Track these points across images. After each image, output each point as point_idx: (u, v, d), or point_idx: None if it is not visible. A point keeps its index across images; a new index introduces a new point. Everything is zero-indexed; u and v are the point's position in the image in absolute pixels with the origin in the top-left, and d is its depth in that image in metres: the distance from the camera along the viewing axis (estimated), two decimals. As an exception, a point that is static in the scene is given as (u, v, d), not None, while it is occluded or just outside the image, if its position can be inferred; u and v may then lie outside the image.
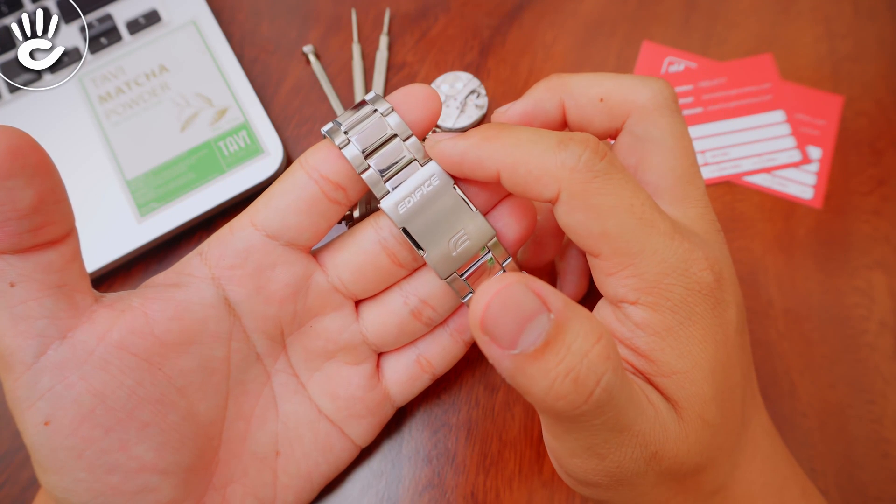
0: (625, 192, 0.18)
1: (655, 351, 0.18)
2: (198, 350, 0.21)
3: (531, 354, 0.15)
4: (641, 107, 0.21)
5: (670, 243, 0.18)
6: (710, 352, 0.18)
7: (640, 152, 0.21)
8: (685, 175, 0.21)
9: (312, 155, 0.21)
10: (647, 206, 0.18)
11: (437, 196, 0.21)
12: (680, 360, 0.18)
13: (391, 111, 0.21)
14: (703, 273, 0.18)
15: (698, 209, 0.20)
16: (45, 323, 0.18)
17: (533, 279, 0.15)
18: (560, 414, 0.16)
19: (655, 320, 0.18)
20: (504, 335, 0.15)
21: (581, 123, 0.22)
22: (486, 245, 0.21)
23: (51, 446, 0.18)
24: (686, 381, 0.18)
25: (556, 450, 0.19)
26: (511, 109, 0.22)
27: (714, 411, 0.18)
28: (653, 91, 0.21)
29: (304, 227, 0.21)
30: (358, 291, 0.23)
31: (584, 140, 0.18)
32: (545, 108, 0.22)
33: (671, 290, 0.18)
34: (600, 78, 0.22)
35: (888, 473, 0.26)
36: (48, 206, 0.18)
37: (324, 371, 0.24)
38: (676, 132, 0.21)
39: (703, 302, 0.18)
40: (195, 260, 0.21)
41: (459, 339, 0.24)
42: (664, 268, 0.18)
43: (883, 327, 0.29)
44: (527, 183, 0.18)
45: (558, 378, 0.15)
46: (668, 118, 0.21)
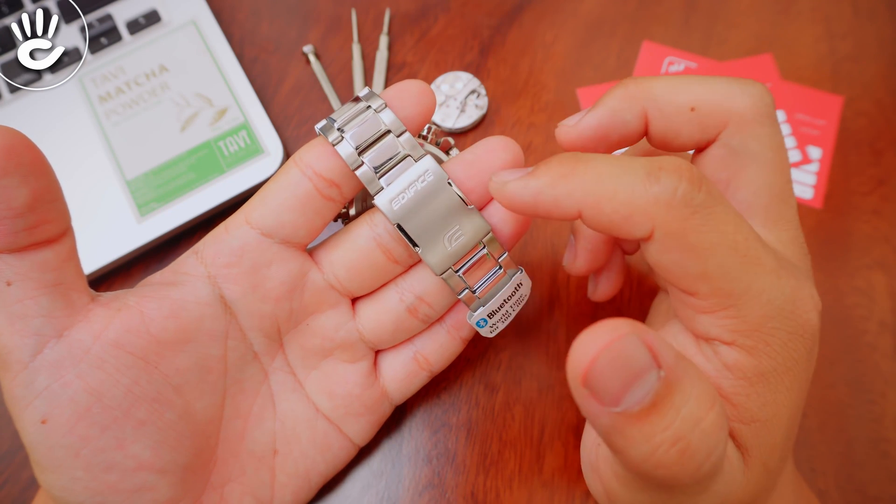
0: (727, 227, 0.16)
1: (740, 396, 0.16)
2: (194, 348, 0.21)
3: (635, 415, 0.13)
4: (740, 117, 0.18)
5: (777, 282, 0.16)
6: (793, 399, 0.17)
7: (734, 167, 0.19)
8: (781, 193, 0.19)
9: (306, 152, 0.21)
10: (750, 240, 0.16)
11: (431, 192, 0.21)
12: (763, 409, 0.16)
13: (385, 107, 0.21)
14: (810, 315, 0.17)
15: (790, 232, 0.19)
16: (42, 321, 0.18)
17: (644, 329, 0.13)
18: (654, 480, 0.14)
19: (749, 364, 0.16)
20: (608, 392, 0.13)
21: (666, 136, 0.19)
22: (482, 241, 0.21)
23: (48, 445, 0.18)
24: (763, 431, 0.17)
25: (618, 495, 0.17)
26: (583, 123, 0.20)
27: (777, 458, 0.17)
28: (753, 99, 0.18)
29: (299, 224, 0.21)
30: (354, 289, 0.23)
31: (677, 169, 0.16)
32: (624, 118, 0.19)
33: (774, 335, 0.16)
34: (688, 82, 0.19)
35: (888, 473, 0.26)
36: (44, 204, 0.18)
37: (321, 369, 0.24)
38: (776, 145, 0.19)
39: (803, 347, 0.17)
40: (191, 259, 0.21)
41: (457, 336, 0.24)
42: (769, 310, 0.16)
43: (883, 327, 0.29)
44: (613, 223, 0.16)
45: (663, 445, 0.13)
46: (768, 129, 0.19)
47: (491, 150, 0.21)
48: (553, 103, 0.34)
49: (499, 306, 0.23)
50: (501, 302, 0.23)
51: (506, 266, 0.22)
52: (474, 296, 0.22)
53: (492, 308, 0.22)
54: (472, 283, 0.22)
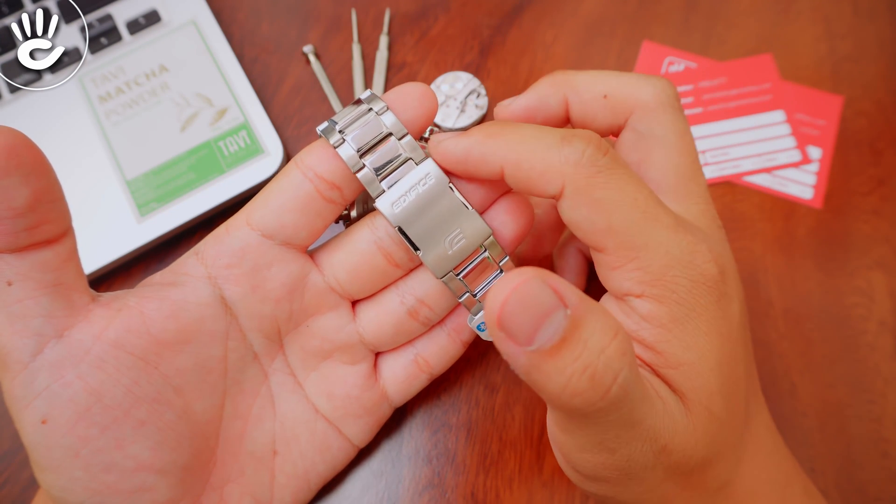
0: (628, 186, 0.18)
1: (662, 342, 0.18)
2: (194, 349, 0.21)
3: (548, 351, 0.14)
4: (645, 104, 0.21)
5: (674, 236, 0.18)
6: (715, 344, 0.18)
7: (642, 149, 0.21)
8: (687, 172, 0.21)
9: (308, 154, 0.21)
10: (650, 200, 0.18)
11: (432, 195, 0.21)
12: (686, 352, 0.18)
13: (386, 110, 0.21)
14: (708, 265, 0.18)
15: (700, 206, 0.21)
16: (42, 321, 0.18)
17: (549, 274, 0.15)
18: (575, 410, 0.15)
19: (662, 312, 0.18)
20: (521, 332, 0.14)
21: (584, 120, 0.22)
22: (483, 244, 0.21)
23: (47, 445, 0.18)
24: (693, 373, 0.18)
25: (565, 445, 0.19)
26: (514, 104, 0.22)
27: (720, 404, 0.18)
28: (656, 89, 0.21)
29: (299, 226, 0.21)
30: (354, 291, 0.23)
31: (586, 136, 0.18)
32: (548, 103, 0.22)
33: (676, 282, 0.18)
34: (604, 75, 0.22)
35: (888, 473, 0.26)
36: (44, 204, 0.18)
37: (321, 371, 0.24)
38: (679, 129, 0.21)
39: (707, 294, 0.18)
40: (191, 259, 0.21)
41: (457, 339, 0.24)
42: (669, 260, 0.18)
43: (883, 327, 0.29)
44: (530, 179, 0.19)
45: (574, 375, 0.14)
46: (670, 115, 0.21)
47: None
48: (553, 103, 0.34)
49: None
50: None
51: (507, 269, 0.22)
52: (475, 299, 0.22)
53: None
54: (473, 287, 0.22)
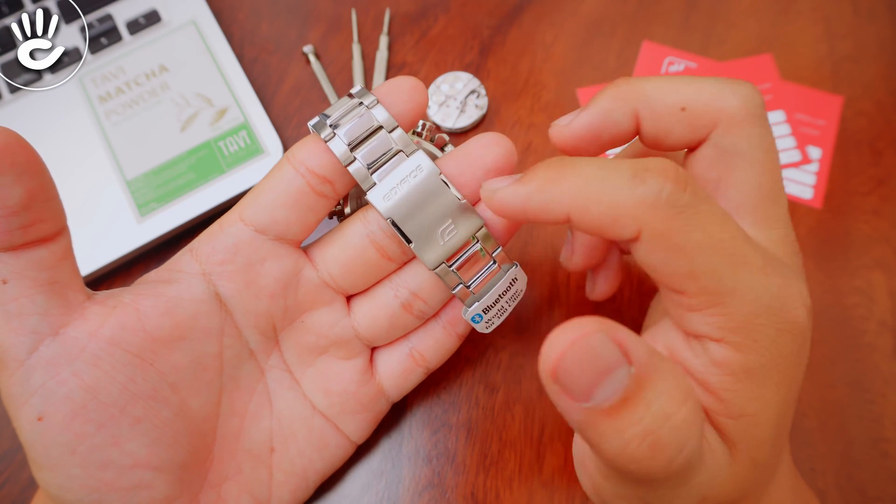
0: (713, 226, 0.16)
1: (728, 391, 0.17)
2: (189, 346, 0.21)
3: (606, 410, 0.13)
4: (731, 116, 0.18)
5: (764, 280, 0.16)
6: (782, 396, 0.17)
7: (724, 166, 0.19)
8: (771, 193, 0.19)
9: (299, 149, 0.21)
10: (737, 239, 0.16)
11: (424, 186, 0.21)
12: (751, 403, 0.17)
13: (376, 104, 0.21)
14: (799, 311, 0.17)
15: (780, 230, 0.19)
16: (38, 319, 0.18)
17: (614, 326, 0.14)
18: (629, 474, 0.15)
19: (737, 360, 0.16)
20: (577, 387, 0.13)
21: (658, 136, 0.20)
22: (475, 235, 0.22)
23: (44, 442, 0.18)
24: (751, 425, 0.17)
25: (602, 487, 0.18)
26: (574, 123, 0.20)
27: (766, 453, 0.17)
28: (743, 99, 0.19)
29: (292, 221, 0.21)
30: (348, 286, 0.23)
31: (662, 170, 0.16)
32: (615, 118, 0.19)
33: (761, 331, 0.16)
34: (679, 83, 0.19)
35: (888, 473, 0.26)
36: (38, 203, 0.18)
37: (317, 366, 0.24)
38: (766, 145, 0.19)
39: (791, 343, 0.17)
40: (186, 256, 0.22)
41: (452, 332, 0.24)
42: (757, 307, 0.16)
43: (883, 327, 0.29)
44: (602, 225, 0.16)
45: (634, 440, 0.14)
46: (759, 129, 0.19)
47: (483, 145, 0.22)
48: (553, 103, 0.34)
49: (494, 301, 0.23)
50: (497, 297, 0.23)
51: (500, 261, 0.22)
52: (469, 291, 0.22)
53: (487, 303, 0.23)
54: (466, 279, 0.22)
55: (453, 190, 0.21)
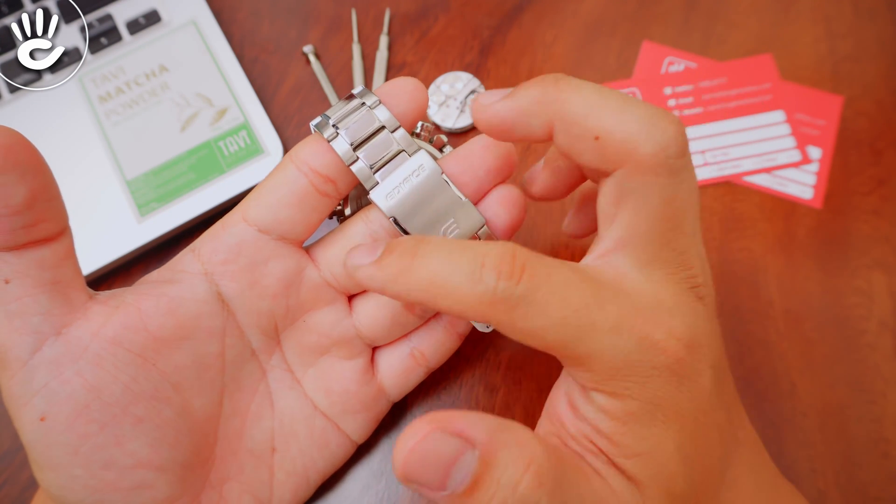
0: (552, 307, 0.16)
1: (617, 435, 0.17)
2: (192, 345, 0.21)
3: (461, 494, 0.15)
4: (638, 161, 0.18)
5: (617, 339, 0.17)
6: (674, 430, 0.17)
7: (621, 205, 0.18)
8: (662, 240, 0.18)
9: (302, 149, 0.21)
10: (582, 309, 0.16)
11: (426, 185, 0.21)
12: (642, 443, 0.17)
13: (378, 104, 0.21)
14: (669, 350, 0.17)
15: (666, 270, 0.18)
16: (40, 319, 0.18)
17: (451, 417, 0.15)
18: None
19: (617, 407, 0.17)
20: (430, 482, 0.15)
21: (569, 153, 0.19)
22: (477, 234, 0.22)
23: (46, 443, 0.18)
24: (649, 462, 0.17)
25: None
26: (493, 108, 0.20)
27: (682, 483, 0.18)
28: (656, 145, 0.17)
29: (295, 220, 0.21)
30: (350, 285, 0.23)
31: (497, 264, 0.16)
32: (530, 123, 0.19)
33: (629, 380, 0.17)
34: (601, 107, 0.18)
35: (888, 473, 0.26)
36: (41, 202, 0.18)
37: (318, 366, 0.24)
38: (667, 196, 0.18)
39: (667, 382, 0.17)
40: (188, 256, 0.22)
41: (453, 332, 0.24)
42: (618, 361, 0.17)
43: (883, 327, 0.29)
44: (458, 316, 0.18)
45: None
46: (664, 179, 0.18)
47: (485, 145, 0.22)
48: (553, 103, 0.34)
49: None
50: None
51: None
52: None
53: None
54: None
55: (455, 189, 0.21)
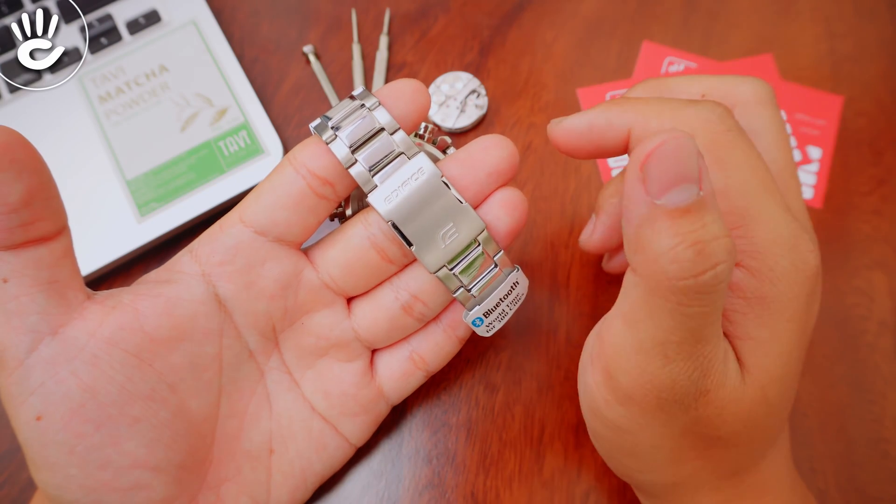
0: (751, 154, 0.18)
1: (738, 314, 0.18)
2: (188, 346, 0.21)
3: (671, 211, 0.15)
4: (745, 101, 0.21)
5: (786, 216, 0.18)
6: (792, 333, 0.18)
7: None
8: (787, 167, 0.20)
9: (300, 151, 0.21)
10: (768, 175, 0.18)
11: (425, 189, 0.21)
12: (759, 330, 0.18)
13: (378, 106, 0.21)
14: (811, 255, 0.18)
15: (796, 203, 0.20)
16: (37, 318, 0.18)
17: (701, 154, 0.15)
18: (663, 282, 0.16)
19: (751, 285, 0.18)
20: (657, 181, 0.15)
21: None
22: (477, 238, 0.21)
23: (43, 442, 0.18)
24: (760, 351, 0.18)
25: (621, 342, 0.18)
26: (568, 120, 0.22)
27: (776, 391, 0.18)
28: (754, 87, 0.21)
29: (292, 222, 0.21)
30: (348, 288, 0.23)
31: (716, 101, 0.19)
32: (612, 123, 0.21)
33: (776, 262, 0.18)
34: (700, 77, 0.22)
35: (888, 473, 0.26)
36: (39, 201, 0.18)
37: (316, 368, 0.24)
38: (777, 125, 0.21)
39: (802, 284, 0.18)
40: (185, 257, 0.22)
41: (453, 335, 0.24)
42: (776, 237, 0.18)
43: (883, 327, 0.29)
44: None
45: (683, 243, 0.15)
46: (770, 111, 0.21)
47: (485, 147, 0.22)
48: (553, 103, 0.34)
49: (495, 305, 0.23)
50: (497, 301, 0.23)
51: (502, 264, 0.22)
52: (470, 294, 0.22)
53: (488, 307, 0.22)
54: (467, 282, 0.22)
55: (455, 192, 0.21)
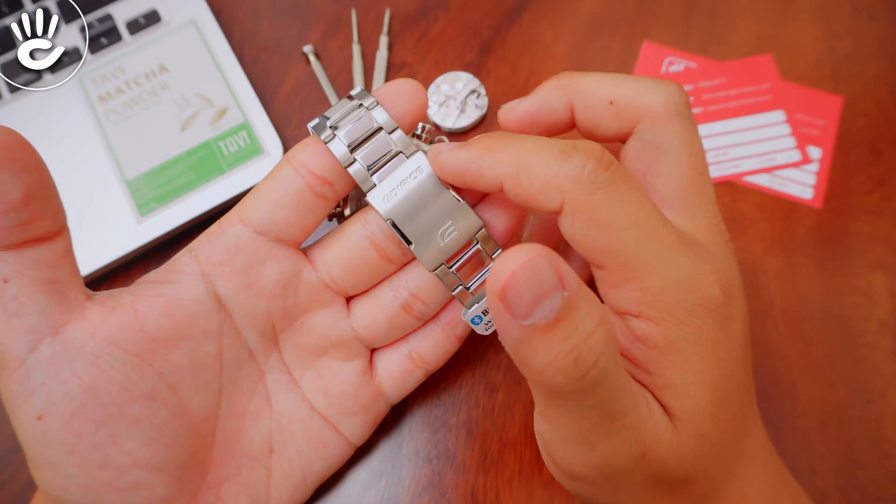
0: (630, 203, 0.17)
1: (654, 364, 0.18)
2: (188, 346, 0.21)
3: (541, 328, 0.15)
4: (653, 112, 0.20)
5: (676, 257, 0.18)
6: (711, 367, 0.18)
7: (648, 159, 0.20)
8: (694, 184, 0.20)
9: (299, 150, 0.21)
10: (652, 218, 0.18)
11: (423, 188, 0.21)
12: (679, 375, 0.18)
13: (376, 105, 0.21)
14: (711, 288, 0.18)
15: (707, 219, 0.20)
16: (37, 318, 0.18)
17: (555, 255, 0.15)
18: (555, 389, 0.16)
19: (657, 334, 0.18)
20: (520, 306, 0.15)
21: (589, 126, 0.22)
22: (475, 236, 0.21)
23: (44, 441, 0.18)
24: (684, 395, 0.18)
25: (547, 437, 0.19)
26: (517, 108, 0.22)
27: (711, 426, 0.18)
28: (664, 96, 0.20)
29: (291, 222, 0.21)
30: (348, 287, 0.23)
31: (588, 150, 0.18)
32: (553, 107, 0.22)
33: (676, 306, 0.17)
34: (612, 80, 0.21)
35: (888, 473, 0.26)
36: (38, 200, 0.18)
37: (316, 368, 0.24)
38: (687, 140, 0.20)
39: (708, 318, 0.18)
40: (185, 257, 0.22)
41: (452, 334, 0.24)
42: (669, 282, 0.17)
43: (883, 327, 0.29)
44: (529, 194, 0.18)
45: (561, 354, 0.15)
46: (678, 125, 0.20)
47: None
48: (553, 103, 0.34)
49: None
50: None
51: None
52: (468, 292, 0.22)
53: (486, 305, 0.22)
54: (466, 280, 0.22)
55: (453, 192, 0.21)
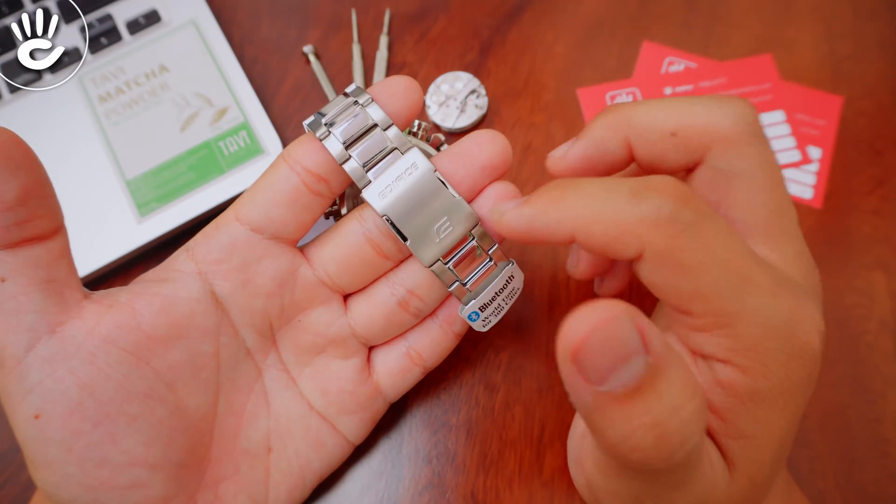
0: (718, 244, 0.16)
1: (731, 412, 0.16)
2: (186, 344, 0.21)
3: (618, 396, 0.13)
4: (723, 138, 0.18)
5: (773, 302, 0.16)
6: (786, 419, 0.17)
7: (723, 188, 0.19)
8: (778, 210, 0.18)
9: (295, 148, 0.21)
10: (745, 259, 0.16)
11: (419, 183, 0.21)
12: (754, 426, 0.16)
13: (371, 102, 0.21)
14: (809, 336, 0.16)
15: (794, 247, 0.18)
16: (35, 317, 0.18)
17: (636, 312, 0.13)
18: (628, 464, 0.14)
19: (744, 383, 0.16)
20: (595, 370, 0.13)
21: (653, 162, 0.19)
22: (471, 232, 0.22)
23: (41, 440, 0.18)
24: (752, 447, 0.16)
25: (598, 485, 0.18)
26: (569, 155, 0.20)
27: (766, 474, 0.17)
28: (734, 117, 0.18)
29: (287, 219, 0.21)
30: (345, 284, 0.23)
31: (663, 187, 0.16)
32: (608, 148, 0.20)
33: (770, 356, 0.16)
34: (670, 107, 0.19)
35: (888, 473, 0.26)
36: (34, 200, 0.18)
37: (314, 366, 0.24)
38: (765, 162, 0.18)
39: (801, 369, 0.16)
40: (182, 256, 0.22)
41: (449, 331, 0.24)
42: (766, 331, 0.16)
43: (883, 327, 0.29)
44: (605, 244, 0.16)
45: (641, 429, 0.13)
46: (755, 147, 0.18)
47: (478, 143, 0.22)
48: (553, 103, 0.34)
49: (490, 299, 0.23)
50: (493, 294, 0.23)
51: (496, 258, 0.22)
52: (465, 288, 0.22)
53: (483, 301, 0.23)
54: (462, 276, 0.22)
55: (449, 187, 0.21)
